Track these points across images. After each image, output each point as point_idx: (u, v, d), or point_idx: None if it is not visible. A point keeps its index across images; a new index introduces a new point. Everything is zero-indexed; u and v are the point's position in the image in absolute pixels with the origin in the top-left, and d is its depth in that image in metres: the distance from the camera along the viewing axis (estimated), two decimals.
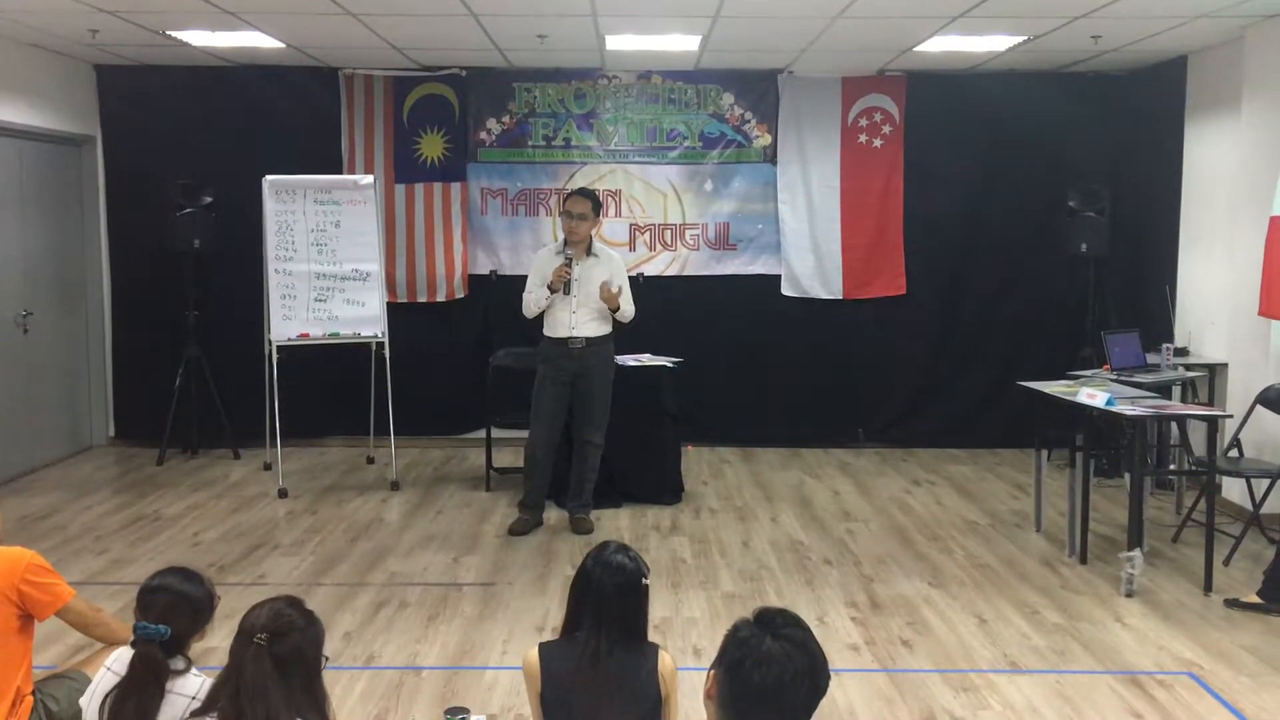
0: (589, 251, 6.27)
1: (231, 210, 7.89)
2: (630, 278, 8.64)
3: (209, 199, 7.88)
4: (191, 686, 2.60)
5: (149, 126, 8.24)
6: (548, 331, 6.29)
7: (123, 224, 8.39)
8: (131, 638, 3.19)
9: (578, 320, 6.21)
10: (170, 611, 2.66)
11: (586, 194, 6.35)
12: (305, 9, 6.25)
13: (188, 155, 8.12)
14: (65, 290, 8.12)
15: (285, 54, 7.64)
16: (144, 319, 8.38)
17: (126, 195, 8.34)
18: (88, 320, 8.39)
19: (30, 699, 3.10)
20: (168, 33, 6.93)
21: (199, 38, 7.09)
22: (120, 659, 2.70)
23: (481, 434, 7.58)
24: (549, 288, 6.16)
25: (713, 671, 2.01)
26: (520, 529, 6.31)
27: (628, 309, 6.30)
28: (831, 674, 1.99)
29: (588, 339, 6.23)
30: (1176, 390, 6.81)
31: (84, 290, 8.35)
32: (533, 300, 6.27)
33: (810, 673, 1.93)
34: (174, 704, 2.58)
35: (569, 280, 6.14)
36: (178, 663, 2.65)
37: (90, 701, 2.67)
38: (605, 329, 6.31)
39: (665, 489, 6.99)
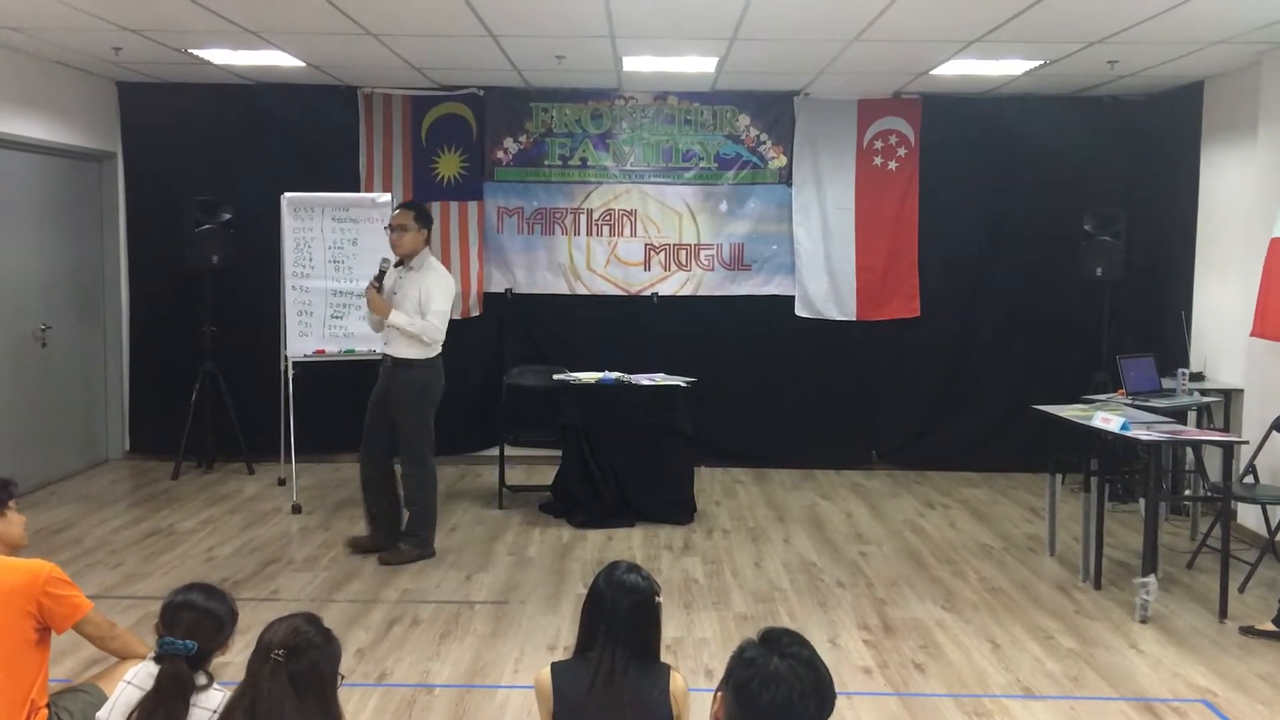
0: (410, 265, 5.97)
1: (250, 227, 7.96)
2: (644, 297, 8.59)
3: (228, 215, 7.95)
4: (214, 701, 2.62)
5: (169, 143, 8.33)
6: None
7: (142, 240, 8.47)
8: (146, 651, 3.21)
9: (387, 337, 5.99)
10: (194, 627, 2.70)
11: (409, 206, 6.15)
12: (326, 29, 6.31)
13: (207, 172, 8.20)
14: (84, 305, 8.19)
15: (305, 73, 7.71)
16: (161, 334, 8.44)
17: (146, 211, 8.42)
18: (105, 335, 8.46)
19: (45, 712, 3.11)
20: (190, 51, 7.01)
21: (220, 56, 7.16)
22: (140, 673, 2.72)
23: (495, 452, 7.61)
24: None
25: (719, 693, 2.01)
26: (354, 547, 6.16)
27: (409, 325, 5.79)
28: (841, 695, 1.99)
29: (394, 359, 5.94)
30: (1192, 415, 6.80)
31: (102, 305, 8.42)
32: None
33: (817, 691, 1.94)
34: (197, 718, 2.61)
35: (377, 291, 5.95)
36: (200, 678, 2.69)
37: (110, 715, 2.69)
38: (415, 352, 5.88)
39: (678, 509, 6.99)
